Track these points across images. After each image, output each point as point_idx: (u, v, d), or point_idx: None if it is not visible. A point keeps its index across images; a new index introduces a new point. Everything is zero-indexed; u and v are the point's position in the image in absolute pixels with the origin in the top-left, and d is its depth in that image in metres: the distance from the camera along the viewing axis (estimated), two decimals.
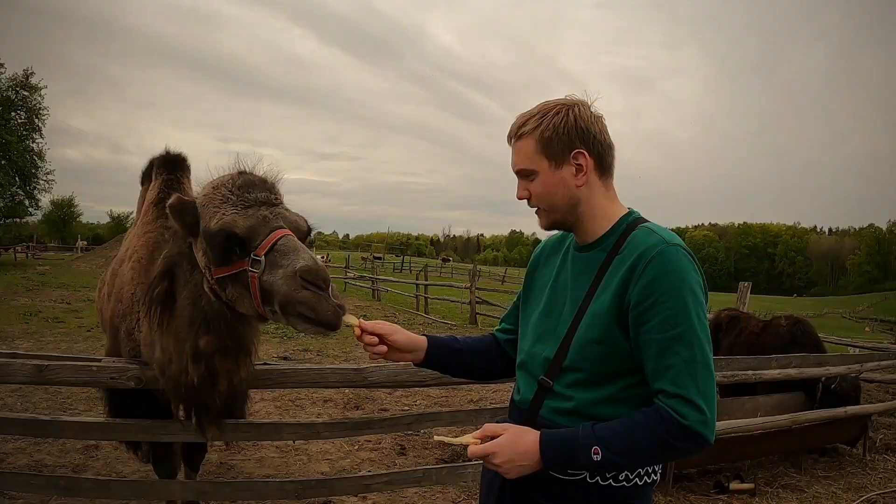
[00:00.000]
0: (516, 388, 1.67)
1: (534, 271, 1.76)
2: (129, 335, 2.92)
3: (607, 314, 1.43)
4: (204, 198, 2.18)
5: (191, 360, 2.27)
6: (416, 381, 2.90)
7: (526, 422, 1.52)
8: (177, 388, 2.40)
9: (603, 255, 1.51)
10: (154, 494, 3.04)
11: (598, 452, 1.35)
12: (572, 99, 1.54)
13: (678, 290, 1.37)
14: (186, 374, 2.30)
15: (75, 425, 2.94)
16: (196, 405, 2.46)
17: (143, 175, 4.15)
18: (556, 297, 1.60)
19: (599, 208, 1.55)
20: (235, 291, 2.09)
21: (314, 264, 1.90)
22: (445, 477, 3.22)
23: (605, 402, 1.45)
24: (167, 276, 2.34)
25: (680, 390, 1.34)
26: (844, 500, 4.59)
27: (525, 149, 1.52)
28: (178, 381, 2.36)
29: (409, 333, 1.70)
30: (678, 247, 1.42)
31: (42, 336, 9.98)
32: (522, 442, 1.39)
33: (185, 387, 2.35)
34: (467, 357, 1.80)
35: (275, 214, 2.09)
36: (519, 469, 1.39)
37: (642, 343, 1.39)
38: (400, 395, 6.89)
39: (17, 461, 4.37)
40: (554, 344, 1.53)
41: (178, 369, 2.34)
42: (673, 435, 1.34)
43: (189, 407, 2.48)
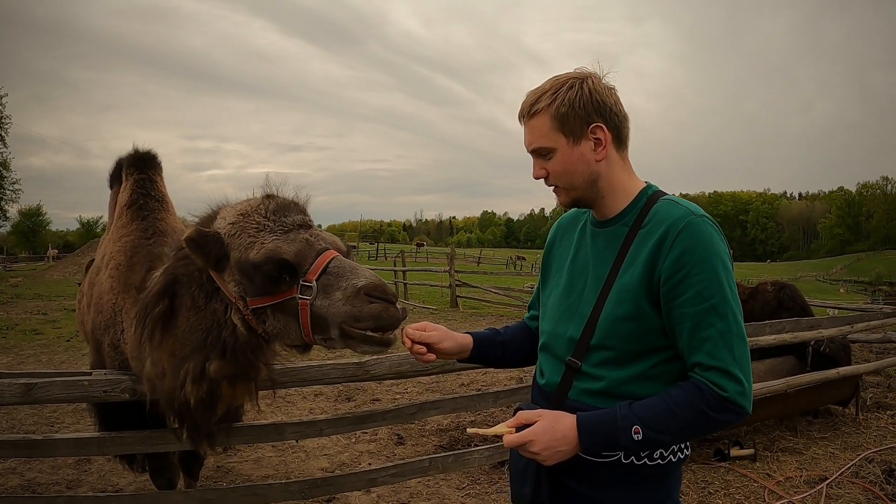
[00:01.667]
0: (539, 371, 1.64)
1: (550, 251, 1.73)
2: (115, 347, 2.78)
3: (636, 289, 1.40)
4: (232, 227, 2.04)
5: (191, 380, 2.13)
6: (419, 371, 2.83)
7: (554, 405, 1.49)
8: (170, 402, 2.29)
9: (625, 229, 1.48)
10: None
11: (639, 432, 1.32)
12: (584, 72, 1.49)
13: (709, 261, 1.35)
14: (182, 391, 2.17)
15: (69, 442, 2.80)
16: (188, 422, 2.35)
17: (111, 177, 3.98)
18: (576, 275, 1.56)
19: (619, 182, 1.51)
20: (278, 322, 1.99)
21: (377, 280, 1.85)
22: (451, 464, 3.17)
23: (637, 380, 1.42)
24: (167, 294, 2.19)
25: (717, 362, 1.32)
26: (842, 459, 4.65)
27: (540, 126, 1.47)
28: (172, 397, 2.24)
29: (455, 337, 1.69)
30: (704, 218, 1.40)
31: (21, 350, 9.69)
32: (559, 427, 1.35)
33: (177, 402, 2.23)
34: (509, 348, 1.79)
35: (315, 237, 1.99)
36: (558, 455, 1.36)
37: (675, 317, 1.36)
38: (390, 384, 6.80)
39: (9, 482, 4.22)
40: (579, 323, 1.49)
41: (171, 385, 2.22)
42: (713, 408, 1.32)
43: (181, 422, 2.37)
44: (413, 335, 1.61)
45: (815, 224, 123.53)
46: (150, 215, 2.95)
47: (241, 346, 2.07)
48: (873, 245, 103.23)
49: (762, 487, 4.12)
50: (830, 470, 4.43)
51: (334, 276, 1.85)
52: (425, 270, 20.63)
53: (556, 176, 1.50)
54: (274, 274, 1.91)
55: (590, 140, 1.46)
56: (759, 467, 4.47)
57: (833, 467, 4.49)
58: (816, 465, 4.58)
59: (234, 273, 2.02)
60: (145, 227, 2.90)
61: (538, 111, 1.47)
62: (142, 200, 2.98)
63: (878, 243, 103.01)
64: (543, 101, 1.46)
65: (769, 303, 6.14)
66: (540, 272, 1.77)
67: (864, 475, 4.37)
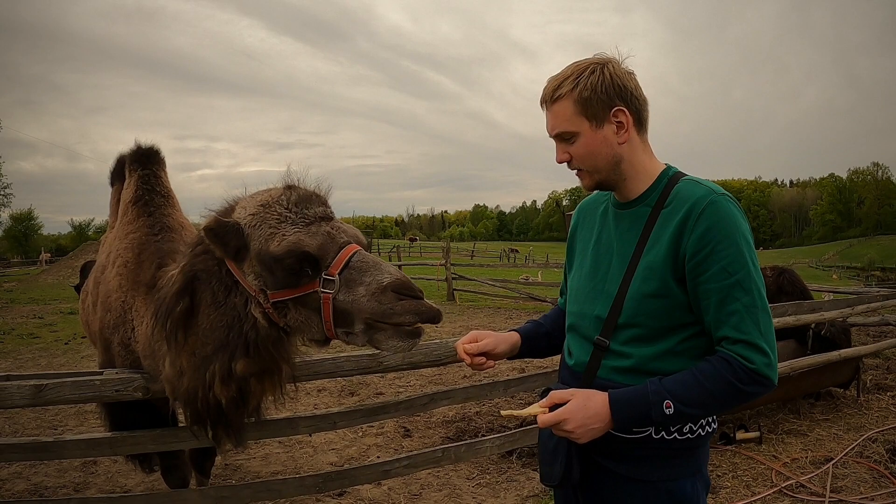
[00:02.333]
0: (567, 351, 1.67)
1: (574, 235, 1.77)
2: (126, 346, 2.74)
3: (662, 267, 1.43)
4: (252, 217, 2.00)
5: (220, 381, 2.09)
6: (432, 361, 2.83)
7: (583, 384, 1.52)
8: (191, 402, 2.23)
9: (647, 210, 1.51)
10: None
11: (671, 406, 1.36)
12: (603, 57, 1.52)
13: (732, 238, 1.38)
14: (209, 392, 2.13)
15: (80, 443, 2.74)
16: (220, 421, 2.28)
17: (112, 175, 3.94)
18: (600, 256, 1.60)
19: (640, 164, 1.54)
20: (300, 315, 1.97)
21: (403, 277, 1.84)
22: (464, 454, 3.18)
23: (665, 356, 1.46)
24: (187, 291, 2.14)
25: (744, 335, 1.36)
26: (846, 440, 4.70)
27: (563, 111, 1.49)
28: (194, 397, 2.19)
29: (505, 338, 1.73)
30: (726, 196, 1.43)
31: (19, 354, 9.61)
32: (592, 405, 1.39)
33: (201, 402, 2.18)
34: (554, 335, 1.83)
35: (337, 229, 1.96)
36: (591, 433, 1.39)
37: (701, 293, 1.40)
38: (392, 378, 6.83)
39: (16, 487, 4.17)
40: (606, 302, 1.52)
41: (192, 385, 2.18)
42: (741, 380, 1.35)
43: (207, 423, 2.30)
44: (470, 349, 1.65)
45: (807, 211, 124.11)
46: (156, 211, 2.91)
47: (264, 340, 2.04)
48: (865, 231, 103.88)
49: (769, 469, 4.15)
50: (835, 450, 4.47)
51: (357, 271, 1.84)
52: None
53: (579, 159, 1.53)
54: (295, 267, 1.89)
55: (612, 123, 1.49)
56: (765, 449, 4.50)
57: (837, 448, 4.53)
58: (821, 446, 4.61)
59: (254, 265, 1.98)
60: (152, 223, 2.87)
61: (561, 96, 1.49)
62: (147, 196, 2.95)
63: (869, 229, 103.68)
64: (566, 87, 1.48)
65: (768, 287, 6.15)
66: (566, 257, 1.82)
67: (868, 455, 4.42)
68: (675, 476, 1.49)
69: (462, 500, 3.79)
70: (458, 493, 3.90)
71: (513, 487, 3.93)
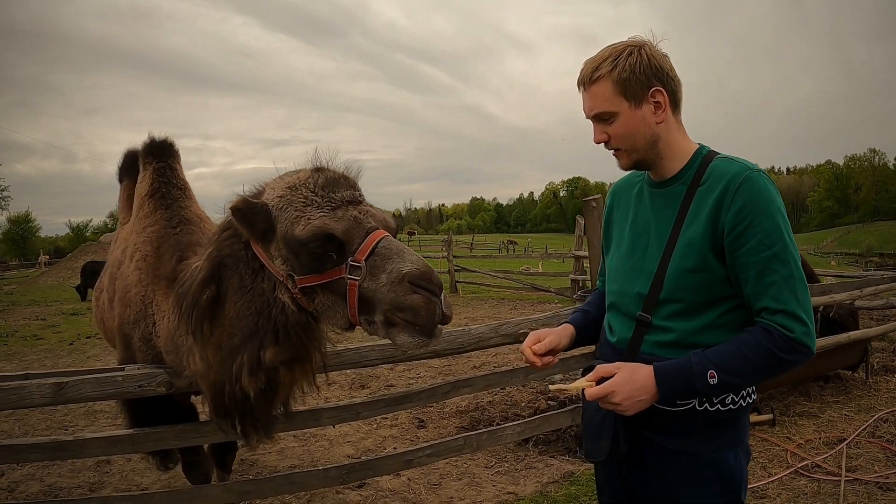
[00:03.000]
0: (608, 329, 1.70)
1: (610, 216, 1.80)
2: (147, 342, 2.70)
3: (701, 242, 1.47)
4: (279, 200, 1.95)
5: (248, 373, 2.04)
6: (455, 349, 2.82)
7: (625, 360, 1.54)
8: (218, 396, 2.18)
9: (683, 188, 1.55)
10: (194, 502, 2.85)
11: (714, 376, 1.39)
12: (639, 40, 1.55)
13: (769, 212, 1.42)
14: (237, 385, 2.08)
15: (101, 441, 2.70)
16: (247, 415, 2.23)
17: (120, 171, 3.92)
18: (637, 235, 1.63)
19: (676, 144, 1.58)
20: (327, 301, 1.92)
21: (425, 267, 1.77)
22: (485, 441, 3.18)
23: (706, 329, 1.49)
24: (213, 279, 2.08)
25: (783, 305, 1.39)
26: (857, 421, 4.72)
27: (602, 92, 1.52)
28: (221, 391, 2.15)
29: (562, 332, 1.76)
30: (760, 172, 1.47)
31: (24, 356, 9.57)
32: (638, 377, 1.42)
33: (228, 396, 2.13)
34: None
35: (364, 214, 1.90)
36: (638, 404, 1.43)
37: (740, 266, 1.43)
38: (402, 370, 6.85)
39: (30, 488, 4.13)
40: (646, 279, 1.56)
41: (219, 379, 2.14)
42: (782, 349, 1.38)
43: (234, 416, 2.25)
44: (539, 349, 1.66)
45: (804, 198, 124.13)
46: (173, 203, 2.89)
47: (293, 326, 2.00)
48: (862, 217, 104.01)
49: (784, 450, 4.17)
50: (847, 431, 4.50)
51: (381, 258, 1.79)
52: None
53: (618, 139, 1.56)
54: (320, 252, 1.84)
55: (650, 104, 1.52)
56: (779, 431, 4.53)
57: (850, 428, 4.56)
58: (833, 427, 4.64)
59: (281, 248, 1.94)
60: (170, 215, 2.84)
61: (600, 77, 1.52)
62: (164, 189, 2.91)
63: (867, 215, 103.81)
64: (605, 68, 1.51)
65: None
66: (602, 239, 1.84)
67: (880, 435, 4.45)
68: (718, 447, 1.52)
69: (482, 488, 3.80)
70: (478, 481, 3.91)
71: (532, 475, 3.95)
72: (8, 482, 4.21)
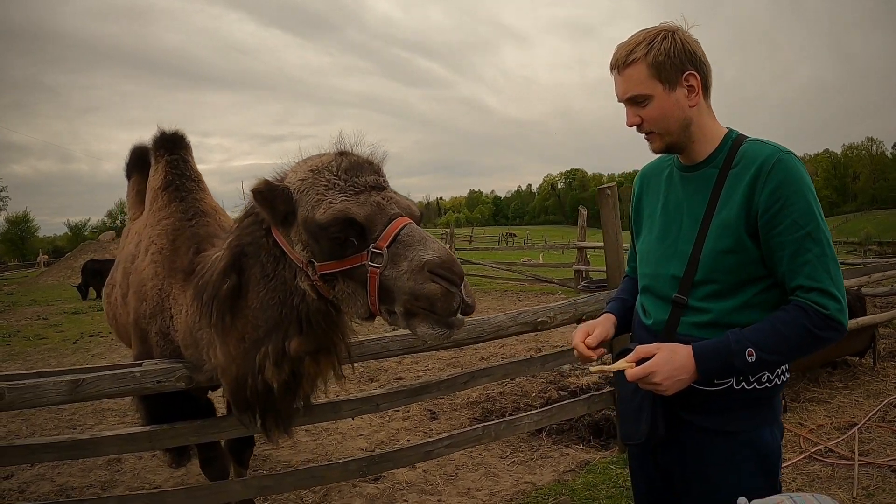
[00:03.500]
0: (642, 312, 1.71)
1: (640, 201, 1.82)
2: (164, 336, 2.67)
3: (736, 223, 1.49)
4: (301, 183, 1.90)
5: (272, 364, 2.00)
6: (474, 339, 2.82)
7: (662, 342, 1.55)
8: (240, 390, 2.15)
9: (715, 171, 1.57)
10: (213, 498, 2.82)
11: (752, 354, 1.41)
12: (671, 25, 1.57)
13: (801, 192, 1.45)
14: (260, 377, 2.04)
15: (118, 439, 2.67)
16: (269, 408, 2.19)
17: (128, 167, 3.90)
18: (669, 218, 1.65)
19: (707, 127, 1.60)
20: (347, 288, 1.87)
21: (446, 256, 1.71)
22: (503, 431, 3.19)
23: (741, 309, 1.51)
24: (234, 269, 2.04)
25: (817, 283, 1.42)
26: (867, 406, 4.74)
27: (636, 75, 1.54)
28: (243, 385, 2.11)
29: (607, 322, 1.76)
30: (791, 154, 1.49)
31: (28, 355, 9.54)
32: (678, 357, 1.44)
33: (250, 390, 2.09)
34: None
35: (388, 200, 1.85)
36: (677, 384, 1.45)
37: (774, 246, 1.46)
38: (410, 363, 6.84)
39: (41, 489, 4.07)
40: (681, 261, 1.57)
41: (242, 372, 2.10)
42: (817, 326, 1.41)
43: (256, 410, 2.21)
44: (590, 342, 1.67)
45: None
46: (188, 196, 2.86)
47: (315, 315, 1.97)
48: (861, 206, 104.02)
49: (797, 436, 4.18)
50: (858, 416, 4.51)
51: (403, 246, 1.73)
52: None
53: (651, 122, 1.57)
54: (340, 237, 1.79)
55: (683, 87, 1.54)
56: (791, 417, 4.54)
57: (860, 414, 4.57)
58: (844, 412, 4.66)
59: (301, 233, 1.90)
60: (185, 207, 2.81)
61: (634, 60, 1.53)
62: (178, 181, 2.89)
63: (865, 204, 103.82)
64: (639, 51, 1.53)
65: None
66: (631, 224, 1.86)
67: (889, 419, 4.46)
68: (756, 425, 1.55)
69: (499, 479, 3.81)
70: (494, 471, 3.92)
71: (548, 464, 3.96)
72: (18, 482, 4.17)
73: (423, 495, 3.63)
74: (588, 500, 3.32)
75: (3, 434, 5.35)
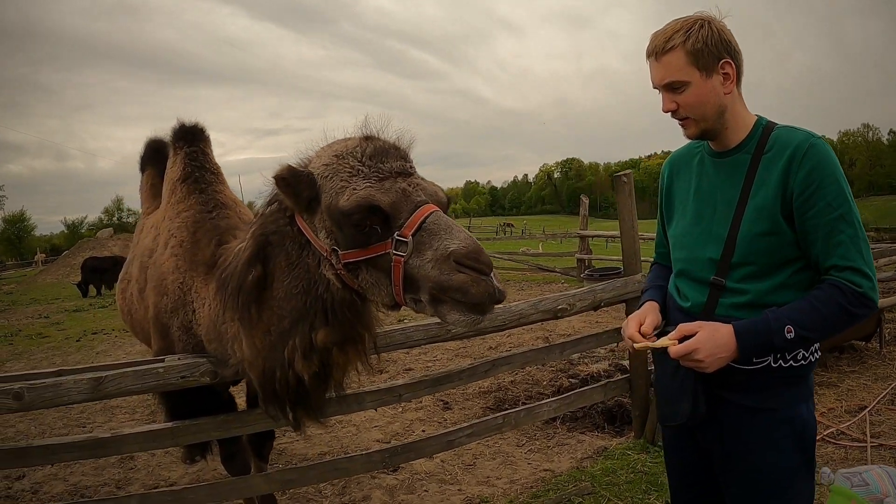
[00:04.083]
0: (678, 295, 1.75)
1: (670, 188, 1.85)
2: (187, 330, 2.63)
3: (772, 206, 1.54)
4: (325, 168, 1.85)
5: (301, 356, 1.98)
6: (496, 327, 2.83)
7: None
8: (268, 384, 2.11)
9: (748, 157, 1.61)
10: (236, 494, 2.81)
11: (791, 331, 1.46)
12: (705, 14, 1.61)
13: (834, 175, 1.51)
14: (289, 370, 2.01)
15: (140, 436, 2.63)
16: (297, 402, 2.15)
17: (142, 160, 3.87)
18: (703, 203, 1.69)
19: (740, 115, 1.64)
20: (371, 277, 1.83)
21: (472, 245, 1.67)
22: (524, 419, 3.20)
23: (777, 289, 1.57)
24: (259, 258, 2.00)
25: (851, 263, 1.48)
26: (876, 389, 4.78)
27: (675, 61, 1.57)
28: (271, 378, 2.07)
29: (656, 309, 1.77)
30: (822, 139, 1.55)
31: (32, 354, 9.48)
32: (720, 335, 1.49)
33: (280, 383, 2.06)
34: None
35: (414, 186, 1.80)
36: (719, 361, 1.49)
37: (809, 227, 1.51)
38: (418, 353, 6.83)
39: (54, 489, 4.02)
40: (717, 244, 1.62)
41: (270, 366, 2.06)
42: (851, 303, 1.47)
43: (286, 403, 2.17)
44: (646, 330, 1.67)
45: None
46: (207, 188, 2.83)
47: (339, 304, 1.93)
48: (857, 192, 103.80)
49: None
50: (867, 399, 4.55)
51: (428, 234, 1.69)
52: None
53: (688, 108, 1.60)
54: (364, 224, 1.75)
55: (719, 75, 1.58)
56: None
57: (869, 397, 4.61)
58: (853, 396, 4.70)
59: (325, 220, 1.86)
60: (205, 199, 2.78)
61: (673, 47, 1.57)
62: (197, 173, 2.86)
63: (862, 190, 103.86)
64: (678, 39, 1.56)
65: None
66: (662, 210, 1.88)
67: None
68: (793, 402, 1.61)
69: (518, 467, 3.83)
70: (512, 459, 3.94)
71: (565, 451, 3.98)
72: (31, 483, 4.12)
73: (443, 485, 3.65)
74: (608, 486, 3.34)
75: (11, 434, 5.30)
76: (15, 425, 5.47)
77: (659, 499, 3.17)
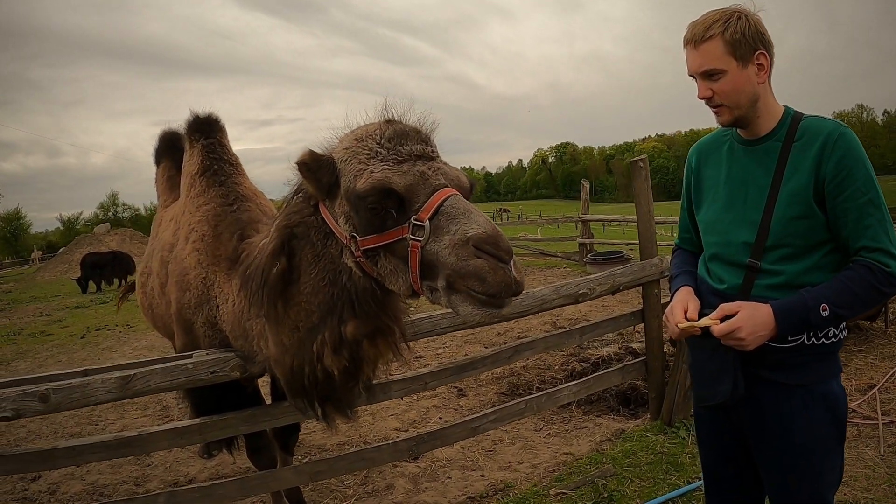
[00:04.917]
0: (710, 278, 1.80)
1: (699, 174, 1.90)
2: (212, 325, 2.60)
3: (805, 191, 1.61)
4: (344, 152, 1.82)
5: (331, 351, 1.94)
6: (520, 313, 2.85)
7: None
8: (296, 380, 2.08)
9: (778, 144, 1.68)
10: (265, 488, 2.81)
11: (826, 309, 1.54)
12: (741, 7, 1.67)
13: (862, 162, 1.60)
14: (318, 365, 1.98)
15: (167, 434, 2.61)
16: (326, 397, 2.13)
17: (157, 152, 3.85)
18: (735, 189, 1.75)
19: (770, 104, 1.71)
20: (389, 264, 1.78)
21: (492, 230, 1.60)
22: (545, 403, 3.24)
23: (811, 270, 1.64)
24: (284, 251, 1.96)
25: (880, 244, 1.57)
26: (883, 368, 4.83)
27: (713, 50, 1.63)
28: (300, 374, 2.04)
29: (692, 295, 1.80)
30: (849, 129, 1.63)
31: (37, 353, 9.43)
32: (759, 314, 1.57)
33: (309, 379, 2.03)
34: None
35: (434, 170, 1.74)
36: (759, 339, 1.57)
37: (840, 211, 1.60)
38: (426, 342, 6.80)
39: (72, 489, 3.98)
40: (751, 229, 1.69)
41: (299, 363, 2.03)
42: (881, 282, 1.56)
43: (314, 398, 2.15)
44: (692, 316, 1.70)
45: None
46: (227, 180, 2.79)
47: (363, 294, 1.89)
48: None
49: None
50: (875, 378, 4.59)
51: (446, 219, 1.63)
52: None
53: (723, 96, 1.66)
54: (378, 207, 1.71)
55: (754, 65, 1.65)
56: None
57: (877, 375, 4.66)
58: (861, 374, 4.75)
59: (344, 205, 1.83)
60: (225, 192, 2.74)
61: (712, 36, 1.63)
62: (216, 165, 2.82)
63: None
64: (716, 28, 1.63)
65: None
66: (691, 195, 1.94)
67: None
68: (826, 378, 1.69)
69: (538, 451, 3.86)
70: (532, 444, 3.98)
71: (583, 434, 4.02)
72: (47, 484, 4.07)
73: (466, 471, 3.68)
74: (629, 468, 3.38)
75: (23, 434, 5.25)
76: (26, 425, 5.38)
77: (680, 479, 3.21)
